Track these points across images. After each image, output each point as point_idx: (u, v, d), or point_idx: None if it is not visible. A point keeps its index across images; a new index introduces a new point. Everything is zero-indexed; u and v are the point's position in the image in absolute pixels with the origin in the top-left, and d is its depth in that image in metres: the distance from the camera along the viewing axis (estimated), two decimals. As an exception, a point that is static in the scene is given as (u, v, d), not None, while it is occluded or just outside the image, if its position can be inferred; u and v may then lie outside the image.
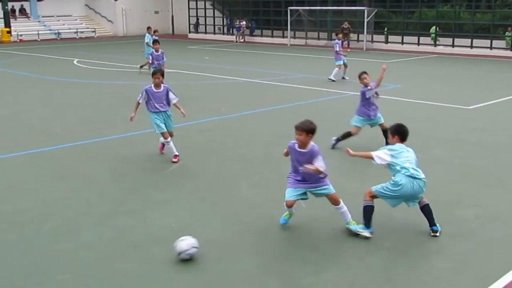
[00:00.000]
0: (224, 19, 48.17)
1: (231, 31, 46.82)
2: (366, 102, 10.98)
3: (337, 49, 20.97)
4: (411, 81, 21.23)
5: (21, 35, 46.67)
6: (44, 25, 50.40)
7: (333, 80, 20.52)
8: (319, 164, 6.80)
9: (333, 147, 11.09)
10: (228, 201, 8.39)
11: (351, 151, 7.05)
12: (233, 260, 6.44)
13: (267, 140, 12.16)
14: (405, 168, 6.80)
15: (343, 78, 20.95)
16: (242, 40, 43.78)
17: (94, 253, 6.61)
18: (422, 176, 6.87)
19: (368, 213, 6.98)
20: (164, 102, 10.30)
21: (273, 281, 5.98)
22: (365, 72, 11.06)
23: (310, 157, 6.90)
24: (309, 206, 7.51)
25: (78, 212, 7.96)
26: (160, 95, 10.23)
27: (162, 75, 10.41)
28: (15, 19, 49.06)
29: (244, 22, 44.08)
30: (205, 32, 48.76)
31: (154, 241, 6.91)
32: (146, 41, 23.93)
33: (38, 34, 47.44)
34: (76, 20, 53.52)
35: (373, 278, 6.03)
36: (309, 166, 6.72)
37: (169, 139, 10.34)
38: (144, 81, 17.71)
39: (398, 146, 7.10)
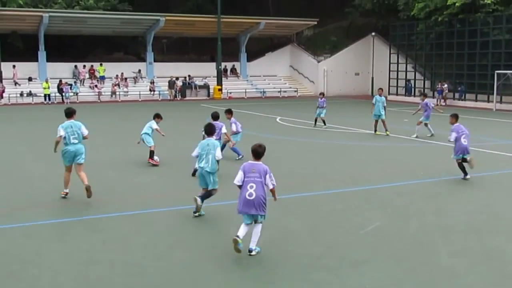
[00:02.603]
0: (426, 81, 47.46)
1: (432, 94, 45.86)
2: None
3: None
4: None
5: (230, 93, 50.42)
6: (251, 84, 53.94)
7: None
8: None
9: None
10: (426, 267, 8.18)
11: None
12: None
13: (469, 208, 11.69)
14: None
15: None
16: (443, 104, 42.69)
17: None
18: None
19: None
20: None
21: None
22: None
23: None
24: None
25: (277, 263, 8.32)
26: None
27: None
28: (226, 78, 53.22)
29: (446, 85, 43.05)
30: (405, 94, 48.39)
31: (350, 299, 6.98)
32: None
33: (245, 92, 50.85)
34: (280, 80, 56.51)
35: None
36: None
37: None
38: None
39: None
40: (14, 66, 46.15)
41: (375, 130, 23.64)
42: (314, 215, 11.10)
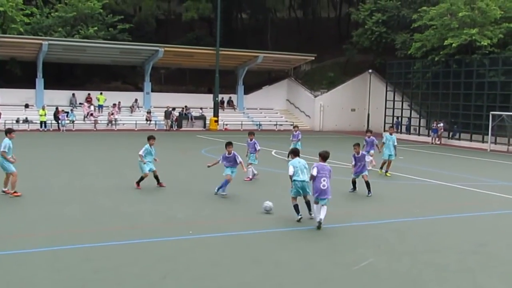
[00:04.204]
0: (421, 120, 47.77)
1: (427, 133, 46.13)
2: None
3: None
4: None
5: (226, 124, 50.62)
6: (248, 116, 54.23)
7: None
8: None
9: None
10: (419, 306, 8.16)
11: None
12: None
13: (462, 247, 11.68)
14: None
15: None
16: (438, 142, 42.93)
17: None
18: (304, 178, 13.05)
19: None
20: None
21: None
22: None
23: None
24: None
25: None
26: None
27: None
28: (223, 110, 53.49)
29: (441, 124, 43.33)
30: (400, 132, 48.65)
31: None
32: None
33: (241, 124, 51.05)
34: (277, 113, 56.86)
35: None
36: None
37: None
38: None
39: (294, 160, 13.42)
40: None
41: (381, 168, 22.67)
42: (307, 249, 11.07)
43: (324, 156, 12.97)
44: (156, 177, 17.57)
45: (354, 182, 18.10)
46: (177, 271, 9.41)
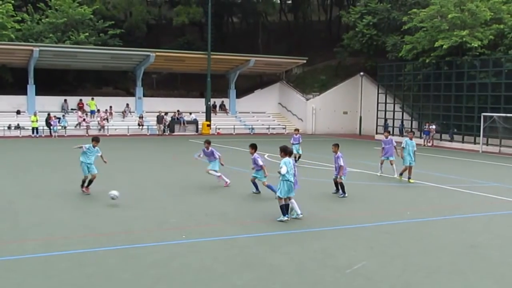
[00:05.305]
0: (413, 121, 47.88)
1: (419, 135, 46.23)
2: None
3: None
4: None
5: (219, 129, 50.61)
6: (240, 120, 54.24)
7: None
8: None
9: None
10: (411, 308, 8.17)
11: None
12: None
13: (454, 249, 11.70)
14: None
15: None
16: (430, 144, 43.05)
17: None
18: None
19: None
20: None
21: None
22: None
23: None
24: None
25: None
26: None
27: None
28: (215, 114, 53.49)
29: (433, 126, 43.46)
30: (392, 134, 48.72)
31: None
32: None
33: (234, 128, 51.07)
34: (269, 117, 56.90)
35: None
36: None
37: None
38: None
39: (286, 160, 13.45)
40: None
41: (401, 174, 22.13)
42: (300, 252, 11.06)
43: (292, 152, 14.17)
44: (90, 181, 17.35)
45: (336, 183, 18.19)
46: (169, 276, 9.39)
